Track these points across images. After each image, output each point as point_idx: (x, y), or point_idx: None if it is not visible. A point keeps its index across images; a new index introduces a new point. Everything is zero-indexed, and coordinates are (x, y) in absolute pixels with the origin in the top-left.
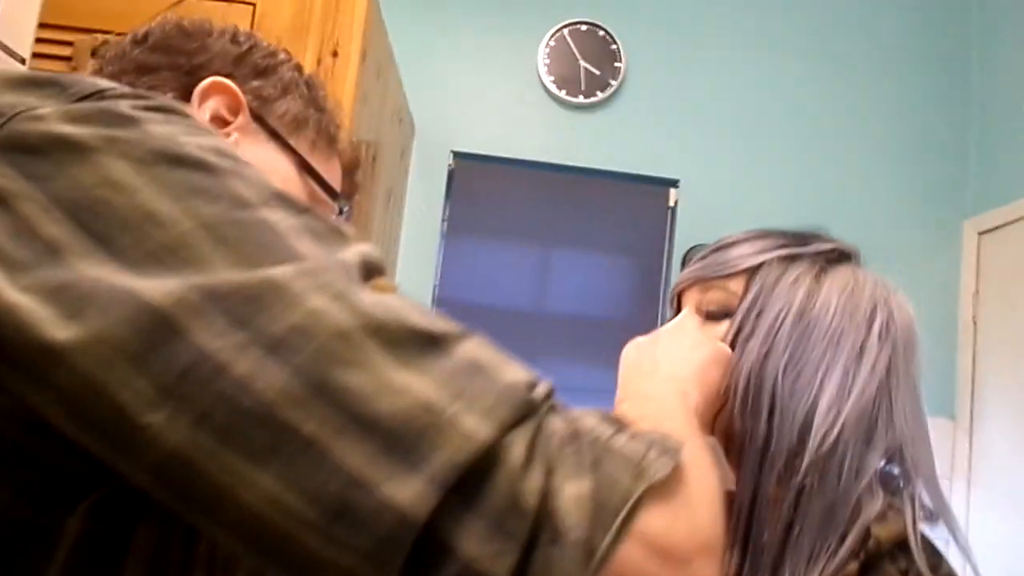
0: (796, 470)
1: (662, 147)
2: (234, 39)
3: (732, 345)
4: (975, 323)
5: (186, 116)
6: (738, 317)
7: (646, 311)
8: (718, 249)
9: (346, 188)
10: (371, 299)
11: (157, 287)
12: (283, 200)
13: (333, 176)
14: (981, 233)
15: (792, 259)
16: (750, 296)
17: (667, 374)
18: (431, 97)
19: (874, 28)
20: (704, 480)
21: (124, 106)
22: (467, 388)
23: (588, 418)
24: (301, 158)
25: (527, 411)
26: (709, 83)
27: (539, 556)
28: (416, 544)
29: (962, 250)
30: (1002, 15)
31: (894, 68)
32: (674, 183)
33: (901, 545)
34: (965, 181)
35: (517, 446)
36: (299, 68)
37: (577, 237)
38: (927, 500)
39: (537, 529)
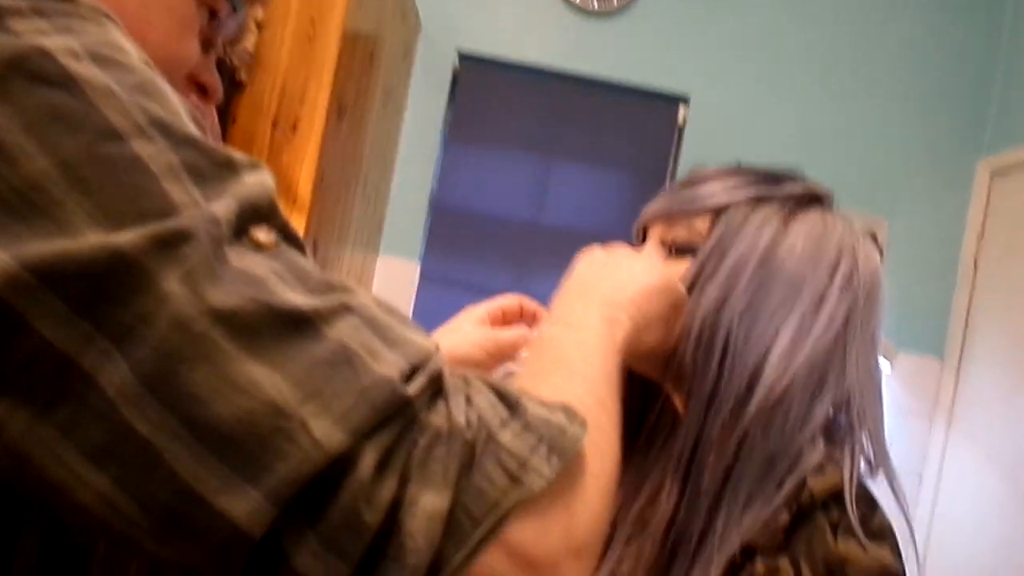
0: (741, 418)
1: (675, 62)
2: None
3: (692, 285)
4: (976, 265)
5: None
6: (700, 257)
7: None
8: (687, 185)
9: None
10: (232, 273)
11: None
12: (163, 127)
13: None
14: (993, 174)
15: (761, 200)
16: (714, 237)
17: (604, 297)
18: None
19: None
20: (597, 468)
21: None
22: (326, 385)
23: (481, 397)
24: None
25: (393, 411)
26: (730, 1)
27: (376, 574)
28: (259, 548)
29: (972, 190)
30: None
31: (922, 2)
32: (685, 100)
33: (836, 497)
34: (984, 120)
35: (370, 455)
36: None
37: (580, 150)
38: (869, 452)
39: (377, 546)
